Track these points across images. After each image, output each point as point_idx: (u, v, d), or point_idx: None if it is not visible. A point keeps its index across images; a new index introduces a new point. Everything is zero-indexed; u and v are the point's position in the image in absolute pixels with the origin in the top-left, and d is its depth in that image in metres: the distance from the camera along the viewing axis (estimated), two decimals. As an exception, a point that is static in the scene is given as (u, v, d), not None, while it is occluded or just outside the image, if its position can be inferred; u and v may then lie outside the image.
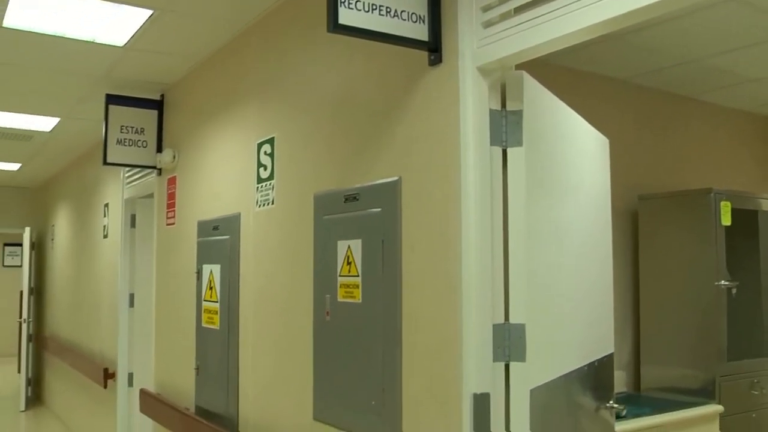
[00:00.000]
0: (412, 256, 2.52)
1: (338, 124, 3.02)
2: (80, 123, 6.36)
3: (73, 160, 8.38)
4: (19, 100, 5.70)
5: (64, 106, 5.80)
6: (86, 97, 5.44)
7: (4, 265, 15.18)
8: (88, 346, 7.38)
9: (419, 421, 2.47)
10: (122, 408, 6.07)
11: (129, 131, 4.99)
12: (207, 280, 4.08)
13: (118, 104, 4.99)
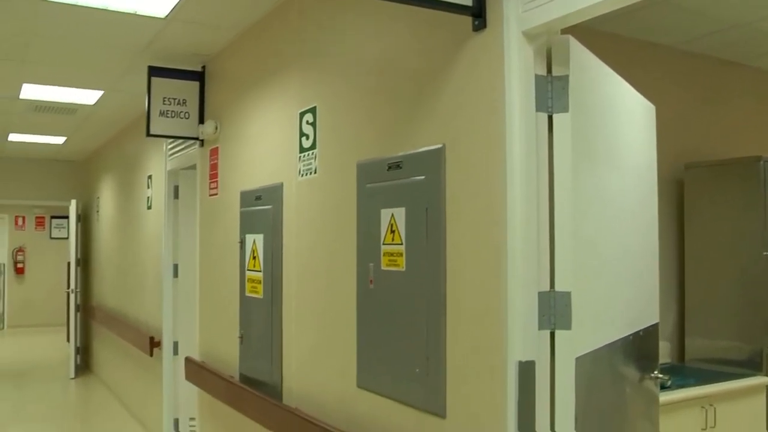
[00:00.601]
0: (457, 223, 2.50)
1: (381, 92, 3.00)
2: (123, 96, 6.43)
3: (117, 133, 8.48)
4: (64, 74, 5.77)
5: (108, 78, 5.86)
6: (129, 69, 5.49)
7: (51, 237, 15.50)
8: (134, 315, 7.53)
9: (463, 389, 2.48)
10: (167, 376, 6.19)
11: (171, 103, 5.02)
12: (250, 249, 4.11)
13: (161, 76, 5.02)
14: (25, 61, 5.35)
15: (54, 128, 8.29)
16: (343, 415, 3.21)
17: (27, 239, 15.46)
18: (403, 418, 2.78)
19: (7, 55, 5.18)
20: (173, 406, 6.17)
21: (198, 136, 5.07)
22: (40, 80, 5.97)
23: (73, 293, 10.16)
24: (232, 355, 4.45)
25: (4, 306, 15.24)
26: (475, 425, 2.42)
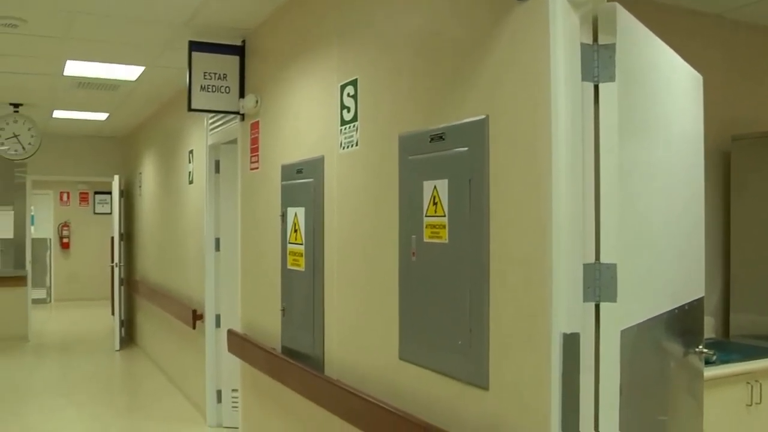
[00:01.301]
0: (501, 195, 2.49)
1: (422, 63, 2.98)
2: (164, 71, 6.48)
3: (158, 109, 8.56)
4: (106, 50, 5.83)
5: (149, 54, 5.91)
6: (169, 45, 5.52)
7: (95, 212, 15.77)
8: (177, 288, 7.64)
9: (507, 361, 2.47)
10: (210, 348, 6.28)
11: (212, 77, 5.05)
12: (291, 222, 4.14)
13: (201, 51, 5.05)
14: (69, 38, 5.42)
15: (97, 104, 8.39)
16: (384, 387, 3.23)
17: (72, 215, 15.75)
18: (445, 389, 2.79)
19: (52, 32, 5.25)
20: (216, 378, 6.27)
21: (239, 111, 5.10)
22: (83, 57, 6.05)
23: (117, 267, 10.34)
24: (274, 327, 4.50)
25: (51, 280, 15.57)
26: (518, 397, 2.42)
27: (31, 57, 6.05)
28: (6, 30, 5.10)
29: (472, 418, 2.64)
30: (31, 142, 8.51)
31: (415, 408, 2.97)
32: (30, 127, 8.48)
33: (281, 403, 4.48)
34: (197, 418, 6.56)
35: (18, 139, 8.45)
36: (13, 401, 7.48)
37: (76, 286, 15.48)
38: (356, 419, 3.36)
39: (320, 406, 3.76)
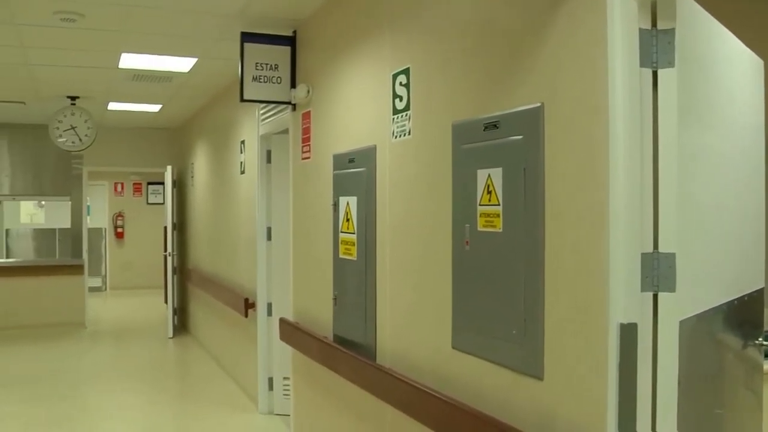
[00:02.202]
0: (556, 183, 2.46)
1: (476, 50, 2.96)
2: (216, 62, 6.55)
3: (210, 100, 8.66)
4: (159, 42, 5.92)
5: (201, 46, 5.98)
6: (222, 36, 5.58)
7: (148, 202, 16.05)
8: (229, 277, 7.74)
9: (562, 351, 2.45)
10: (262, 336, 6.35)
11: (264, 68, 5.09)
12: (344, 212, 4.15)
13: (253, 42, 5.09)
14: (124, 31, 5.51)
15: (150, 96, 8.53)
16: (437, 376, 3.23)
17: (125, 205, 16.06)
18: (499, 379, 2.78)
19: (108, 25, 5.35)
20: (267, 366, 6.34)
21: (290, 101, 5.13)
22: (138, 49, 6.15)
23: (170, 256, 10.52)
24: (325, 316, 4.53)
25: (106, 269, 15.92)
26: (574, 387, 2.40)
27: (88, 51, 6.18)
28: (65, 24, 5.22)
29: (526, 408, 2.63)
30: (87, 134, 8.69)
31: (467, 397, 2.97)
32: (86, 119, 8.66)
33: (332, 391, 4.51)
34: (248, 405, 6.65)
35: (75, 131, 8.64)
36: (72, 384, 7.69)
37: (130, 275, 15.79)
38: (408, 407, 3.37)
39: (372, 394, 3.78)
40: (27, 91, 8.09)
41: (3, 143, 11.01)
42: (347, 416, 4.30)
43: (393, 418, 3.65)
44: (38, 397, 7.09)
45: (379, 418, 3.81)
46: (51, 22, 5.17)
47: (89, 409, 6.82)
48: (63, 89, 8.11)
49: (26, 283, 10.87)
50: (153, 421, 6.43)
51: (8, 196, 11.39)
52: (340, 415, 4.43)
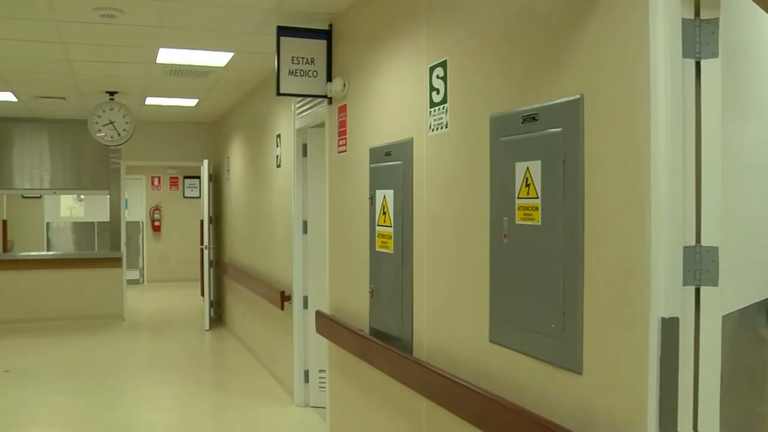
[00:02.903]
0: (596, 176, 2.44)
1: (514, 42, 2.94)
2: (252, 57, 6.58)
3: (246, 94, 8.72)
4: (196, 37, 5.97)
5: (237, 40, 6.01)
6: (258, 30, 5.61)
7: (184, 196, 16.23)
8: (265, 270, 7.79)
9: (601, 345, 2.43)
10: (298, 329, 6.39)
11: (300, 62, 5.10)
12: (380, 205, 4.16)
13: (289, 36, 5.10)
14: (162, 27, 5.57)
15: (187, 91, 8.61)
16: (474, 369, 3.22)
17: (162, 198, 16.25)
18: (537, 373, 2.77)
19: (146, 21, 5.40)
20: (303, 359, 6.38)
21: (326, 94, 5.14)
22: (175, 44, 6.20)
23: (206, 249, 10.63)
24: (362, 309, 4.54)
25: (144, 261, 16.13)
26: (613, 382, 2.38)
27: (127, 46, 6.25)
28: (104, 21, 5.28)
29: (564, 403, 2.61)
30: (125, 128, 8.80)
31: (504, 391, 2.96)
32: (125, 114, 8.77)
33: (368, 384, 4.52)
34: (284, 397, 6.70)
35: (114, 125, 8.76)
36: (112, 375, 7.81)
37: (167, 268, 15.98)
38: (445, 400, 3.37)
39: (408, 387, 3.78)
40: (67, 86, 8.22)
41: (43, 138, 11.20)
42: (383, 409, 4.31)
43: (429, 411, 3.65)
44: (79, 388, 7.22)
45: (415, 411, 3.81)
46: (91, 18, 5.24)
47: (128, 400, 6.93)
48: (102, 85, 8.22)
49: (66, 276, 11.06)
50: (190, 412, 6.51)
51: (49, 190, 11.59)
52: (375, 407, 4.44)
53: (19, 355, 8.80)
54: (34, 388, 7.21)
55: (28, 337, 9.85)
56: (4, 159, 11.07)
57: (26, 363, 8.35)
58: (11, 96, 8.83)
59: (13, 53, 6.51)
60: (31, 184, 11.30)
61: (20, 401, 6.71)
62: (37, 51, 6.40)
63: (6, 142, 11.06)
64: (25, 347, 9.28)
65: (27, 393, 7.00)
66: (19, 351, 9.04)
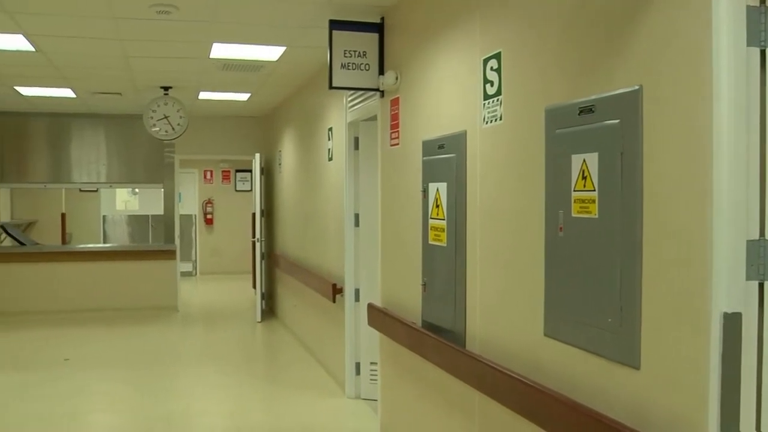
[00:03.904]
0: (655, 168, 2.39)
1: (570, 33, 2.90)
2: (304, 51, 6.62)
3: (297, 88, 8.77)
4: (249, 31, 6.03)
5: (290, 34, 6.05)
6: (310, 24, 5.64)
7: (236, 189, 16.43)
8: (316, 263, 7.84)
9: (660, 340, 2.39)
10: (349, 321, 6.42)
11: (352, 55, 5.12)
12: (433, 198, 4.15)
13: (341, 29, 5.12)
14: (215, 22, 5.64)
15: (239, 85, 8.70)
16: (527, 363, 3.20)
17: (214, 192, 16.48)
18: (593, 368, 2.73)
19: (200, 16, 5.47)
20: (354, 351, 6.41)
21: (378, 87, 5.15)
22: (228, 39, 6.28)
23: (258, 242, 10.74)
24: (414, 301, 4.55)
25: (196, 254, 16.38)
26: (672, 378, 2.34)
27: (181, 42, 6.34)
28: (160, 17, 5.37)
29: (621, 398, 2.58)
30: (179, 123, 8.94)
31: (558, 385, 2.94)
32: (179, 108, 8.91)
33: (420, 376, 4.53)
34: (336, 389, 6.74)
35: (168, 120, 8.90)
36: (167, 365, 7.96)
37: (219, 260, 16.20)
38: (498, 394, 3.36)
39: (460, 380, 3.78)
40: (123, 82, 8.38)
41: (100, 133, 11.45)
42: (435, 401, 4.31)
43: (481, 404, 3.64)
44: (135, 376, 7.38)
45: (468, 404, 3.81)
46: (147, 14, 5.33)
47: (182, 389, 7.06)
48: (157, 80, 8.36)
49: (122, 268, 11.30)
50: (243, 403, 6.60)
51: (105, 184, 11.84)
52: (427, 400, 4.44)
53: (78, 344, 9.04)
54: (92, 376, 7.40)
55: (86, 326, 10.10)
56: (63, 154, 11.35)
57: (85, 352, 8.57)
58: (70, 92, 9.04)
59: (72, 50, 6.66)
60: (88, 178, 11.57)
61: (80, 389, 6.89)
62: (95, 48, 6.54)
63: (65, 137, 11.34)
64: (84, 336, 9.52)
65: (86, 381, 7.18)
66: (78, 340, 9.28)
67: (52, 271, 11.03)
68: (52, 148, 11.34)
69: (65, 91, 9.00)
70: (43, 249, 11.64)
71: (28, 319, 10.43)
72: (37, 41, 6.24)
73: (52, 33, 6.01)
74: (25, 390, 6.82)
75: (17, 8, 5.23)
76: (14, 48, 6.42)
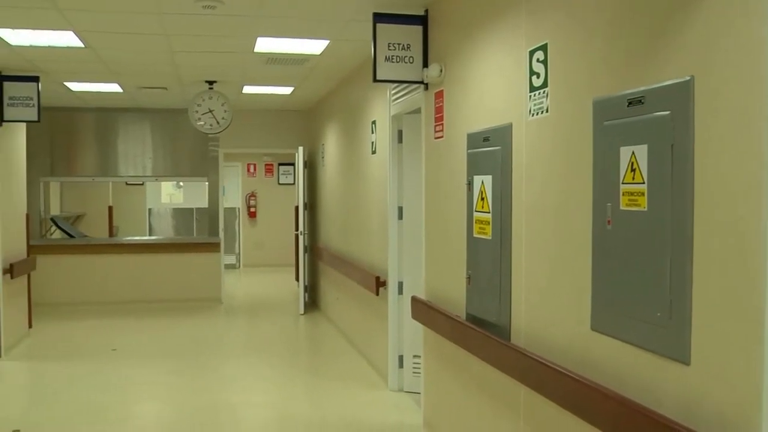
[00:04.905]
0: (707, 161, 2.35)
1: (618, 23, 2.86)
2: (347, 44, 6.64)
3: (341, 81, 8.80)
4: (293, 25, 6.06)
5: (333, 27, 6.07)
6: (353, 17, 5.65)
7: (279, 183, 16.55)
8: (359, 256, 7.87)
9: (711, 336, 2.35)
10: (393, 314, 6.43)
11: (396, 48, 5.11)
12: (478, 191, 4.13)
13: (385, 22, 5.11)
14: (260, 16, 5.68)
15: (283, 79, 8.75)
16: (573, 357, 3.18)
17: (257, 185, 16.63)
18: (641, 363, 2.70)
19: (245, 11, 5.52)
20: (398, 344, 6.42)
21: (422, 80, 5.14)
22: (273, 33, 6.32)
23: (301, 235, 10.82)
24: (458, 294, 4.54)
25: (240, 247, 16.56)
26: (724, 375, 2.30)
27: (226, 36, 6.41)
28: (205, 12, 5.43)
29: (671, 394, 2.54)
30: (224, 116, 9.04)
31: (605, 380, 2.91)
32: (223, 102, 9.01)
33: (464, 370, 4.52)
34: (378, 382, 6.76)
35: (213, 114, 9.01)
36: (211, 356, 8.08)
37: (262, 253, 16.35)
38: (543, 388, 3.34)
39: (505, 374, 3.76)
40: (169, 77, 8.49)
41: (146, 127, 11.63)
42: (478, 395, 4.31)
43: (527, 398, 3.63)
44: (180, 367, 7.50)
45: (513, 398, 3.79)
46: (193, 9, 5.39)
47: (226, 380, 7.15)
48: (202, 74, 8.46)
49: (167, 260, 11.48)
50: (286, 394, 6.67)
51: (151, 178, 12.03)
52: (471, 393, 4.44)
53: (125, 334, 9.21)
54: (139, 366, 7.54)
55: (132, 317, 10.28)
56: (110, 148, 11.56)
57: (132, 342, 8.73)
58: (117, 87, 9.19)
59: (120, 46, 6.78)
60: (134, 171, 11.76)
61: (127, 379, 7.02)
62: (142, 43, 6.64)
63: (111, 131, 11.54)
64: (130, 327, 9.70)
65: (133, 371, 7.32)
66: (125, 331, 9.46)
67: (99, 263, 11.26)
68: (100, 143, 11.55)
69: (113, 86, 9.16)
70: (91, 241, 11.90)
71: (77, 310, 10.66)
72: (86, 37, 6.36)
73: (101, 29, 6.12)
74: (75, 379, 6.98)
75: (68, 5, 5.34)
76: (65, 44, 6.55)
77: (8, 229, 8.00)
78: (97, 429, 5.58)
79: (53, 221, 12.17)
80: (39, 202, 11.35)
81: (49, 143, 11.22)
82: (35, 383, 7.16)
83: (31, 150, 9.27)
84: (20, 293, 8.62)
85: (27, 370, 7.60)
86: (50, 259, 10.73)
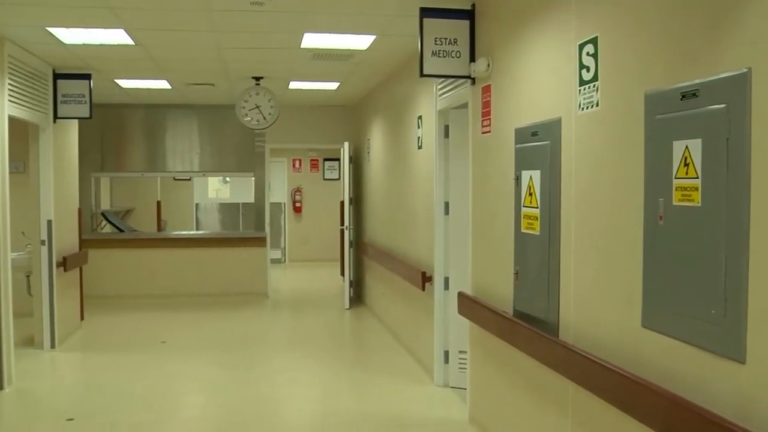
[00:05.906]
0: (765, 155, 2.30)
1: (670, 15, 2.81)
2: (393, 39, 6.64)
3: (386, 76, 8.79)
4: (340, 21, 6.08)
5: (380, 23, 6.08)
6: (399, 12, 5.64)
7: (324, 178, 16.63)
8: (405, 251, 7.87)
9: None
10: (439, 309, 6.42)
11: (443, 43, 5.10)
12: (526, 186, 4.10)
13: (432, 17, 5.10)
14: (306, 12, 5.71)
15: (329, 74, 8.79)
16: (623, 354, 3.14)
17: (303, 180, 16.72)
18: (694, 361, 2.66)
19: (292, 7, 5.56)
20: (443, 339, 6.41)
21: (469, 75, 5.11)
22: (319, 28, 6.35)
23: (346, 230, 10.86)
24: (505, 290, 4.51)
25: (285, 242, 16.68)
26: (781, 372, 2.26)
27: (273, 32, 6.46)
28: (253, 8, 5.49)
29: (725, 393, 2.50)
30: (270, 112, 9.11)
31: (656, 377, 2.87)
32: (270, 98, 9.08)
33: (511, 365, 4.50)
34: (424, 377, 6.76)
35: (259, 110, 9.08)
36: (258, 349, 8.16)
37: (307, 248, 16.45)
38: (592, 385, 3.31)
39: (552, 370, 3.74)
40: (217, 73, 8.59)
41: (193, 123, 11.78)
42: (525, 391, 4.28)
43: (575, 394, 3.59)
44: (227, 360, 7.59)
45: (560, 394, 3.76)
46: (241, 6, 5.45)
47: (273, 373, 7.22)
48: (249, 70, 8.54)
49: (214, 254, 11.63)
50: (331, 388, 6.71)
51: (198, 173, 12.18)
52: (517, 389, 4.41)
53: (173, 327, 9.35)
54: (187, 359, 7.65)
55: (180, 311, 10.44)
56: (158, 144, 11.74)
57: (180, 335, 8.86)
58: (166, 83, 9.33)
59: (169, 43, 6.88)
60: (182, 167, 11.92)
61: (175, 371, 7.14)
62: (191, 40, 6.73)
63: (160, 127, 11.72)
64: (179, 320, 9.85)
65: (181, 364, 7.43)
66: (174, 324, 9.60)
67: (148, 257, 11.46)
68: (148, 139, 11.74)
69: (161, 83, 9.29)
70: (140, 236, 12.10)
71: (126, 303, 10.86)
72: (136, 35, 6.47)
73: (151, 27, 6.22)
74: (125, 371, 7.11)
75: (120, 4, 5.43)
76: (116, 42, 6.67)
77: (61, 224, 8.18)
78: (145, 419, 5.68)
79: (104, 216, 12.40)
80: (90, 197, 11.58)
81: (100, 139, 11.44)
82: (87, 374, 7.32)
83: (82, 146, 9.44)
84: (73, 286, 8.82)
85: (79, 361, 7.77)
86: (101, 253, 10.94)
